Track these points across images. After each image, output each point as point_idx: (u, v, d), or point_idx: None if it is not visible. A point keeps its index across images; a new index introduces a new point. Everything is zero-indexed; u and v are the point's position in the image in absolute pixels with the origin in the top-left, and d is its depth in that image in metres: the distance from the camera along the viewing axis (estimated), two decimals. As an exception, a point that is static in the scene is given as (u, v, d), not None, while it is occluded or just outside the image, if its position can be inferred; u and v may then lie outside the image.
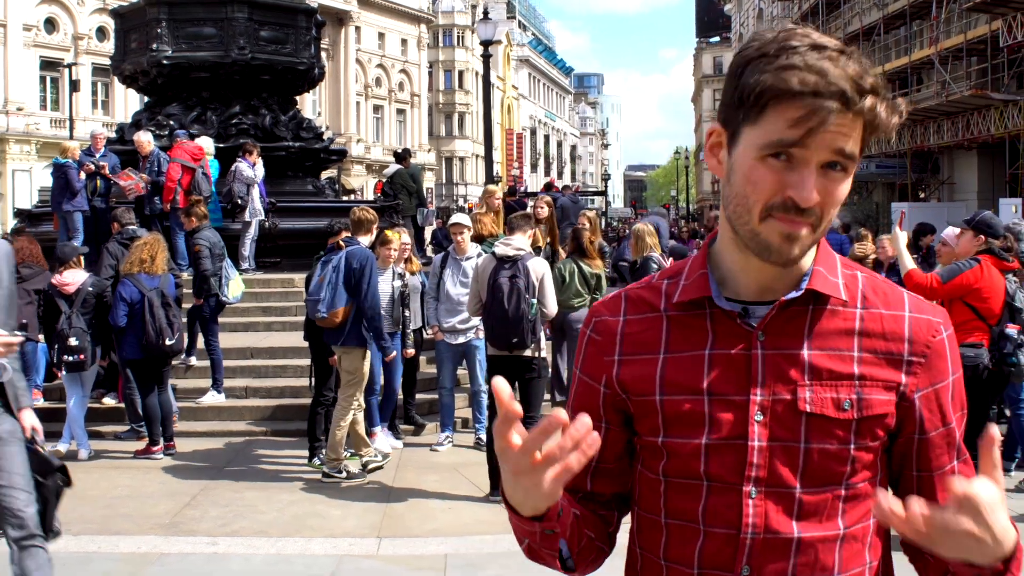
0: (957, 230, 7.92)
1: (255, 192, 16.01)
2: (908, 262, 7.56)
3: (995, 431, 1.43)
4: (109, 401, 11.59)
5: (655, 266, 11.28)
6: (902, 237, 7.85)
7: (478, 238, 10.67)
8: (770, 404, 1.66)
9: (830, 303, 1.70)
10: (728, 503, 1.67)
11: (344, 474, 9.18)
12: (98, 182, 15.37)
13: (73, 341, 9.91)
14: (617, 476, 1.87)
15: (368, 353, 9.35)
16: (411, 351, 10.77)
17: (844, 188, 1.60)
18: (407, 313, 10.47)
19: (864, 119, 1.57)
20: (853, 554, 1.69)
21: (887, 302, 1.72)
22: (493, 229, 11.28)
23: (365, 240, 9.54)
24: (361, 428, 9.38)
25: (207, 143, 16.06)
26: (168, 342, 9.97)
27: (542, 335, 8.57)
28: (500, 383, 1.48)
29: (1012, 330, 7.16)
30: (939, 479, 1.72)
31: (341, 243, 9.51)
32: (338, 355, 9.24)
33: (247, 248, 15.92)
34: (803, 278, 1.70)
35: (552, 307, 8.64)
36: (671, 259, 12.37)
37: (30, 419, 4.93)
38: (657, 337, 1.77)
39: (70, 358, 9.93)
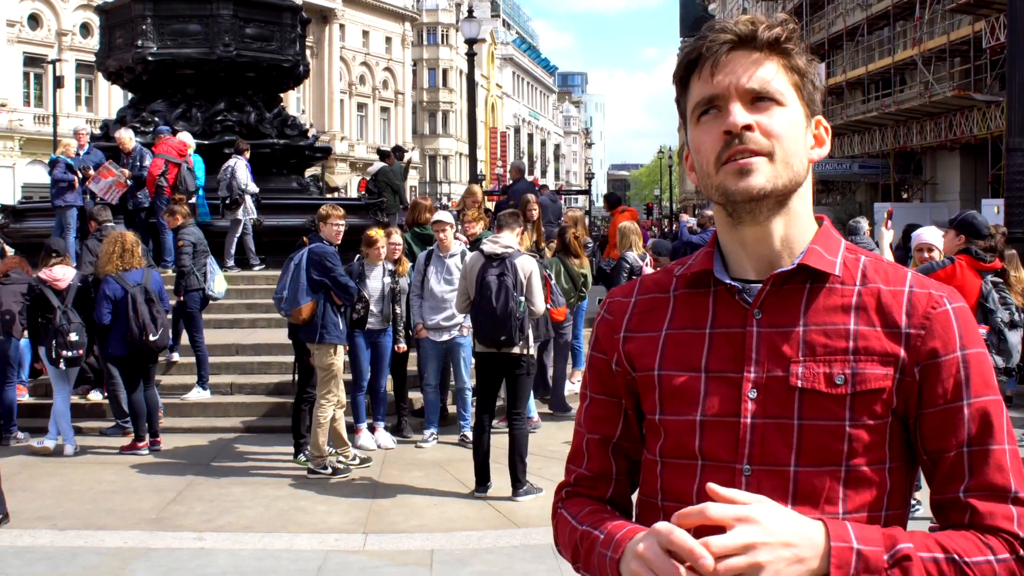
0: (933, 233, 7.96)
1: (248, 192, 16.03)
2: (888, 259, 7.66)
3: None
4: (95, 397, 11.59)
5: (627, 265, 11.35)
6: (887, 235, 7.99)
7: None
8: (764, 381, 1.66)
9: (829, 281, 1.69)
10: (722, 481, 1.61)
11: (329, 470, 9.20)
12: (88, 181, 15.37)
13: (74, 336, 9.90)
14: (635, 457, 1.86)
15: (340, 349, 9.36)
16: (403, 346, 10.70)
17: (783, 117, 1.66)
18: (398, 309, 10.47)
19: (778, 56, 1.67)
20: None
21: (888, 279, 1.71)
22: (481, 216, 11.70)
23: (327, 231, 9.42)
24: (341, 425, 9.39)
25: (188, 139, 16.04)
26: (152, 338, 9.95)
27: (530, 332, 8.60)
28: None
29: (982, 330, 7.23)
30: (942, 462, 1.64)
31: (305, 239, 9.53)
32: (312, 352, 9.27)
33: (232, 247, 15.92)
34: (800, 256, 1.71)
35: (540, 305, 8.66)
36: (652, 255, 12.45)
37: None
38: (663, 315, 1.80)
39: (69, 353, 9.92)
